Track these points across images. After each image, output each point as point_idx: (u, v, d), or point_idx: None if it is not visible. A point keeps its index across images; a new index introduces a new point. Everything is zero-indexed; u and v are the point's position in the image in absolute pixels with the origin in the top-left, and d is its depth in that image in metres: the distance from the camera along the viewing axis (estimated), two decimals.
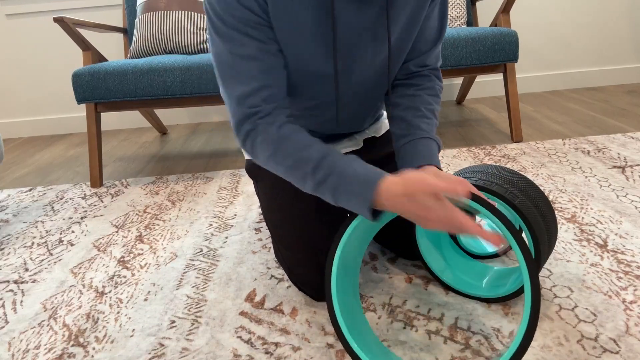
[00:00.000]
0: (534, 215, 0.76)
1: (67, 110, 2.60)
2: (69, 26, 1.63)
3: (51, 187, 1.71)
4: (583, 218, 1.12)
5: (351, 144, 1.02)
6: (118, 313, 0.93)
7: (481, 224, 1.14)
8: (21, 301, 1.00)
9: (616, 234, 1.04)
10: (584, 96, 2.36)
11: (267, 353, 0.78)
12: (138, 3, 2.00)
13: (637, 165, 1.41)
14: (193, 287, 0.99)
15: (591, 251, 0.98)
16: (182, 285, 1.00)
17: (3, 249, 1.25)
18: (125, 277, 1.06)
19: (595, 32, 2.48)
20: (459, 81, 2.56)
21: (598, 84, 2.55)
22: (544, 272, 0.93)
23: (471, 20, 2.08)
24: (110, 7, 2.42)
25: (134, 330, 0.87)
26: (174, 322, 0.88)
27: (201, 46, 1.91)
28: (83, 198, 1.58)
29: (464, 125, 2.05)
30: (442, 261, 0.92)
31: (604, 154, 1.52)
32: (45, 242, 1.27)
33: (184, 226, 1.29)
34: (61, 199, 1.58)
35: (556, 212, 1.17)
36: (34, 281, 1.07)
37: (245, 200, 1.42)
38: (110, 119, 2.59)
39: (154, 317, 0.90)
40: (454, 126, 2.05)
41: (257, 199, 1.42)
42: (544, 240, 0.76)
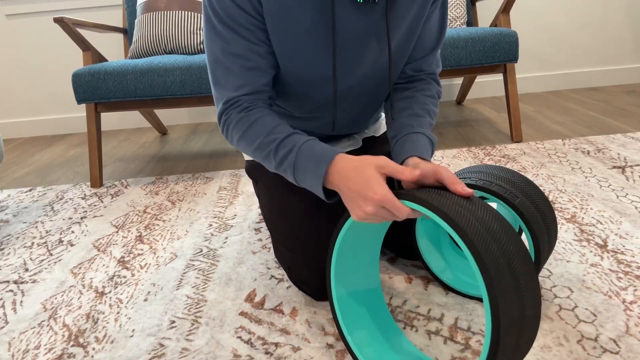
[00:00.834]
0: (534, 215, 0.76)
1: (67, 110, 2.60)
2: (69, 26, 1.63)
3: (51, 187, 1.71)
4: (583, 218, 1.12)
5: (350, 143, 1.02)
6: (118, 313, 0.93)
7: None
8: (21, 301, 1.00)
9: (616, 234, 1.04)
10: (584, 96, 2.36)
11: (267, 353, 0.78)
12: (138, 3, 2.00)
13: (637, 165, 1.41)
14: (193, 287, 0.99)
15: (591, 251, 0.98)
16: (182, 286, 1.00)
17: (3, 249, 1.25)
18: (125, 277, 1.06)
19: (595, 32, 2.48)
20: (459, 81, 2.56)
21: (598, 84, 2.55)
22: (544, 272, 0.93)
23: (471, 21, 2.08)
24: (110, 7, 2.42)
25: (134, 330, 0.87)
26: (174, 322, 0.88)
27: (201, 46, 1.91)
28: (83, 198, 1.58)
29: (464, 125, 2.05)
30: (442, 261, 0.92)
31: (604, 154, 1.52)
32: (45, 242, 1.27)
33: (184, 226, 1.29)
34: (61, 199, 1.58)
35: (556, 212, 1.17)
36: (34, 281, 1.07)
37: (245, 201, 1.42)
38: (110, 119, 2.59)
39: (154, 317, 0.90)
40: (454, 126, 2.05)
41: (257, 199, 1.42)
42: (544, 240, 0.76)
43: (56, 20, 1.60)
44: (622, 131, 1.75)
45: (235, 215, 1.33)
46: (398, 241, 0.99)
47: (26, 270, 1.13)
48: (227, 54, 0.73)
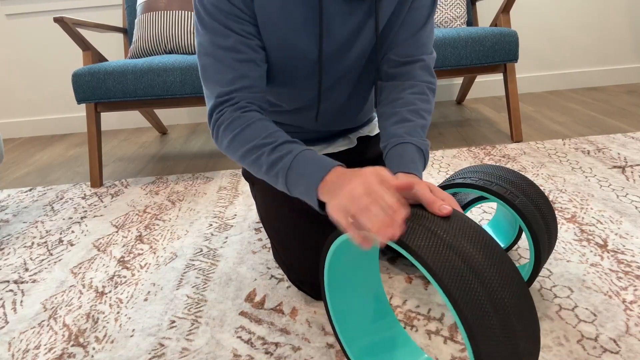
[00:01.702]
0: (534, 215, 0.76)
1: (67, 110, 2.60)
2: (69, 26, 1.63)
3: (51, 187, 1.71)
4: (583, 218, 1.12)
5: (345, 143, 1.02)
6: (118, 313, 0.93)
7: (481, 224, 1.14)
8: (21, 301, 1.00)
9: (616, 234, 1.04)
10: (584, 96, 2.36)
11: (267, 353, 0.78)
12: (138, 3, 2.00)
13: (637, 165, 1.41)
14: (193, 287, 0.99)
15: (591, 251, 0.98)
16: (182, 285, 1.00)
17: (3, 249, 1.25)
18: (125, 277, 1.06)
19: (595, 32, 2.48)
20: (459, 81, 2.56)
21: (598, 84, 2.55)
22: (544, 272, 0.93)
23: (471, 20, 2.08)
24: (110, 7, 2.41)
25: (134, 330, 0.87)
26: (174, 322, 0.88)
27: None
28: (83, 198, 1.58)
29: (464, 125, 2.05)
30: None
31: (604, 154, 1.52)
32: (45, 242, 1.27)
33: (184, 226, 1.29)
34: (61, 199, 1.58)
35: (556, 212, 1.17)
36: (34, 281, 1.07)
37: (245, 200, 1.42)
38: (110, 119, 2.59)
39: (154, 317, 0.90)
40: (454, 126, 2.05)
41: None
42: (544, 240, 0.76)
43: (56, 20, 1.60)
44: (622, 131, 1.75)
45: (235, 215, 1.33)
46: None
47: (26, 270, 1.13)
48: (218, 48, 0.72)
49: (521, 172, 1.45)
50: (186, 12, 1.91)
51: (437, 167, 1.55)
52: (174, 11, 1.91)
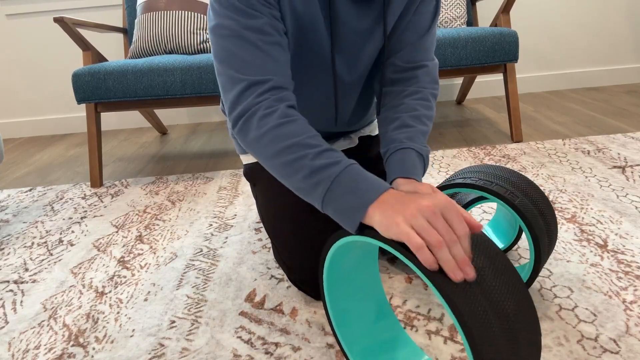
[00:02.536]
0: (534, 215, 0.76)
1: (67, 110, 2.60)
2: (69, 26, 1.63)
3: (51, 187, 1.71)
4: (583, 218, 1.12)
5: (346, 142, 1.02)
6: (118, 313, 0.93)
7: (481, 224, 1.13)
8: (21, 301, 1.00)
9: (616, 234, 1.04)
10: (584, 96, 2.36)
11: (267, 353, 0.78)
12: (138, 3, 2.00)
13: (637, 165, 1.41)
14: (193, 287, 0.99)
15: (591, 251, 0.98)
16: (182, 286, 1.00)
17: (3, 249, 1.25)
18: (125, 277, 1.06)
19: (595, 32, 2.48)
20: (459, 81, 2.56)
21: (598, 84, 2.55)
22: (544, 272, 0.93)
23: (471, 20, 2.08)
24: (110, 7, 2.42)
25: (134, 330, 0.87)
26: (174, 322, 0.88)
27: (201, 46, 1.91)
28: (83, 198, 1.58)
29: (464, 125, 2.05)
30: None
31: (604, 154, 1.52)
32: (45, 242, 1.27)
33: (184, 226, 1.29)
34: (61, 199, 1.58)
35: (556, 212, 1.17)
36: (34, 281, 1.07)
37: (245, 200, 1.42)
38: (110, 119, 2.59)
39: (154, 317, 0.90)
40: (454, 126, 2.05)
41: None
42: (544, 240, 0.76)
43: (56, 20, 1.60)
44: (622, 131, 1.75)
45: (235, 215, 1.33)
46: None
47: (26, 270, 1.13)
48: (245, 28, 0.67)
49: (521, 172, 1.45)
50: (186, 12, 1.91)
51: (437, 167, 1.55)
52: (174, 11, 1.91)
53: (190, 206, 1.42)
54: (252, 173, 1.02)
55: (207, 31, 1.93)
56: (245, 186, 1.55)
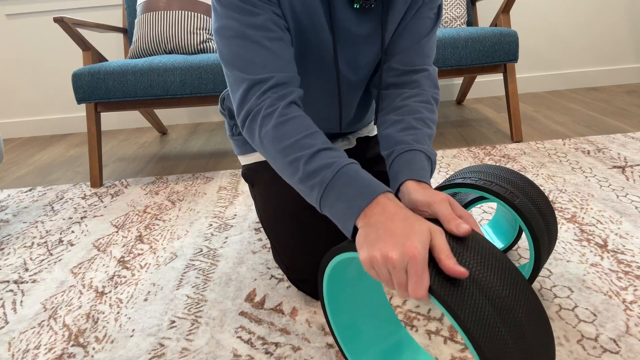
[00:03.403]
0: (534, 215, 0.76)
1: (67, 110, 2.60)
2: (69, 26, 1.63)
3: (51, 187, 1.71)
4: (583, 218, 1.12)
5: (344, 143, 1.02)
6: (118, 313, 0.93)
7: (481, 224, 1.14)
8: (21, 301, 1.00)
9: (616, 234, 1.04)
10: (584, 96, 2.36)
11: (267, 353, 0.78)
12: (138, 3, 2.00)
13: (637, 165, 1.41)
14: (193, 287, 0.99)
15: (591, 251, 0.98)
16: (182, 285, 1.00)
17: (3, 249, 1.25)
18: (125, 277, 1.06)
19: (595, 32, 2.48)
20: (459, 81, 2.56)
21: (598, 84, 2.55)
22: (544, 272, 0.93)
23: (471, 20, 2.08)
24: (110, 7, 2.42)
25: (134, 330, 0.87)
26: (174, 322, 0.88)
27: (201, 46, 1.91)
28: (83, 198, 1.58)
29: (464, 125, 2.05)
30: None
31: (604, 154, 1.52)
32: (45, 242, 1.27)
33: (184, 226, 1.29)
34: (61, 199, 1.58)
35: (556, 212, 1.17)
36: (34, 281, 1.07)
37: (245, 200, 1.42)
38: (110, 119, 2.59)
39: (154, 317, 0.90)
40: (454, 126, 2.05)
41: None
42: (544, 240, 0.76)
43: (56, 20, 1.60)
44: (622, 131, 1.75)
45: (235, 215, 1.33)
46: None
47: (26, 270, 1.13)
48: (248, 26, 0.68)
49: (521, 172, 1.45)
50: (186, 12, 1.91)
51: (437, 167, 1.55)
52: (174, 11, 1.91)
53: (190, 206, 1.42)
54: (250, 174, 1.02)
55: (207, 31, 1.93)
56: (245, 186, 1.55)
